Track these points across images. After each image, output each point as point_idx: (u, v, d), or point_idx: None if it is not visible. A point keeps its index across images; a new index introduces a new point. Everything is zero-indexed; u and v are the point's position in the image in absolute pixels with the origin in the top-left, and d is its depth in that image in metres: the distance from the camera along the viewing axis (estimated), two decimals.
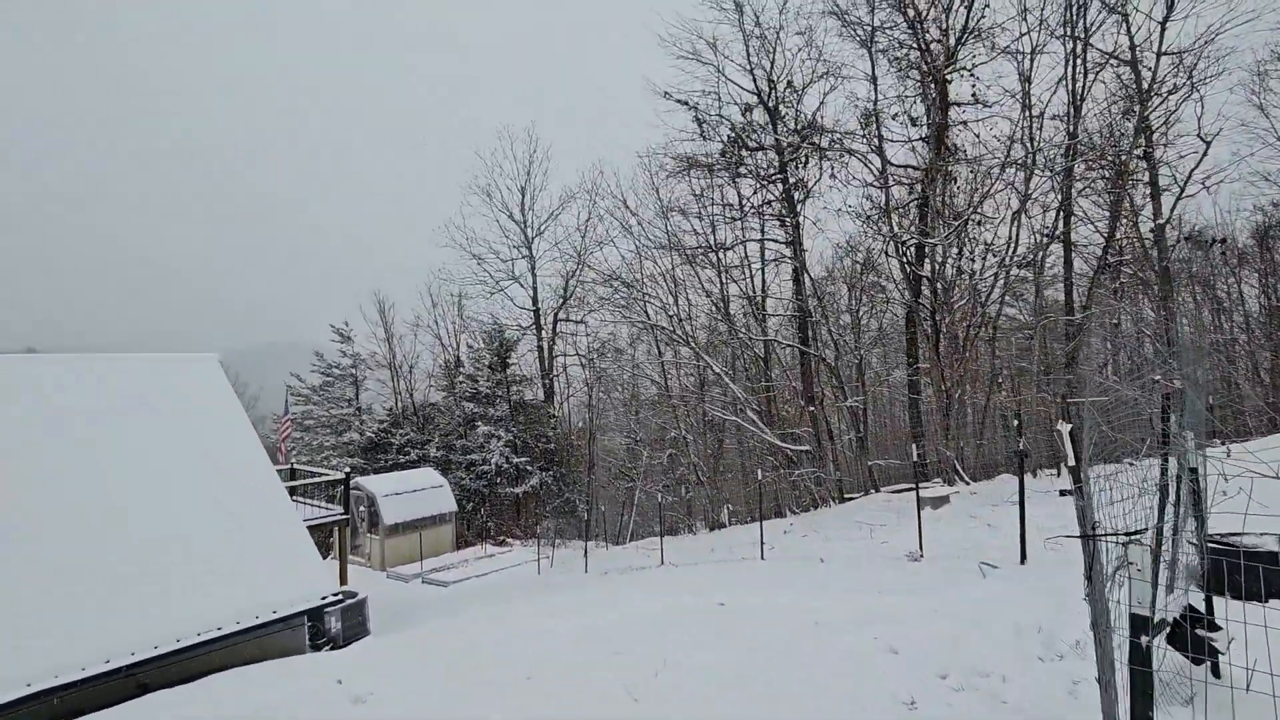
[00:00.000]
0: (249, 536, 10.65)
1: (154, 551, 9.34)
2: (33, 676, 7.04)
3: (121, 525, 9.32)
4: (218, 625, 9.15)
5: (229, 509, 10.78)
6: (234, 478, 11.38)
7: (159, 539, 9.54)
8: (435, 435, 31.64)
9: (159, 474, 10.40)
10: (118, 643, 7.97)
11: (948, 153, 18.30)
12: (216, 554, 9.99)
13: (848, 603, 6.42)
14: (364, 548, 21.53)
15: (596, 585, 11.89)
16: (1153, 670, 1.79)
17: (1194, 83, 16.99)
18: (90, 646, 7.71)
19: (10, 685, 6.87)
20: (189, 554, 9.65)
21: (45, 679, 7.10)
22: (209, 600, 9.28)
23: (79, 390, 10.72)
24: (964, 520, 11.52)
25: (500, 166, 40.08)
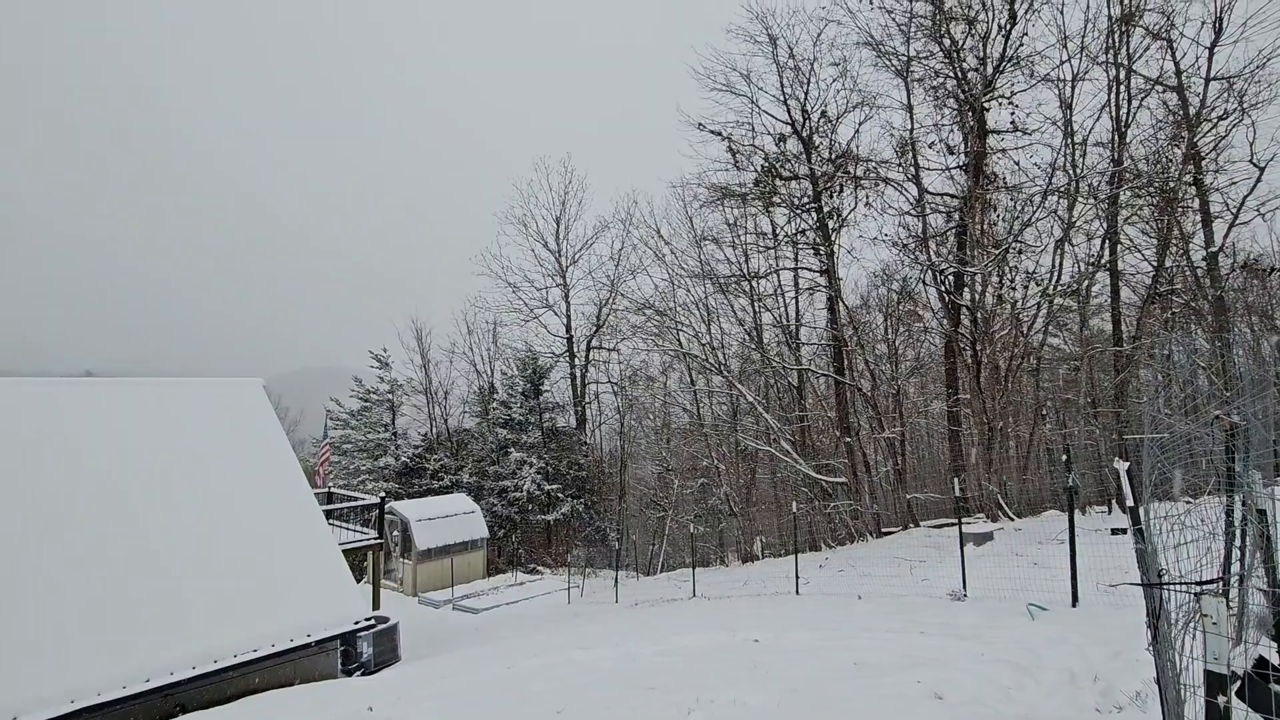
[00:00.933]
0: (287, 559, 10.81)
1: (194, 573, 9.55)
2: (77, 693, 7.21)
3: (164, 546, 9.57)
4: (253, 648, 9.25)
5: (269, 531, 10.98)
6: (275, 500, 11.60)
7: (200, 560, 9.75)
8: (469, 461, 31.91)
9: (203, 495, 10.68)
10: (157, 662, 8.12)
11: (986, 180, 18.05)
12: (255, 576, 10.15)
13: (888, 643, 6.19)
14: (396, 572, 21.67)
15: (628, 617, 11.71)
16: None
17: (1245, 108, 16.49)
18: (132, 665, 7.87)
19: (55, 702, 7.04)
20: (228, 575, 9.83)
21: (89, 696, 7.26)
22: (246, 622, 9.41)
23: (133, 413, 11.13)
24: (1008, 558, 11.04)
25: (536, 197, 40.84)
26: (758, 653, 6.55)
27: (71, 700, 7.13)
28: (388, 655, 12.66)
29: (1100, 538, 10.83)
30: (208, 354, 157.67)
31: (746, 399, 21.24)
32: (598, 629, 9.98)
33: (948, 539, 14.61)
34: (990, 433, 16.07)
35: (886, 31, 19.32)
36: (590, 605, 16.01)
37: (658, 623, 9.86)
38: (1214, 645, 1.68)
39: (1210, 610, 1.68)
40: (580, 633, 9.82)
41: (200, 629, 8.90)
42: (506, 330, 35.06)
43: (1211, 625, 1.67)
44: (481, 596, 19.01)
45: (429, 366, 36.41)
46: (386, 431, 32.92)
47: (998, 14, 18.10)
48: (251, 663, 9.13)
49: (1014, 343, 16.90)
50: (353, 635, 11.21)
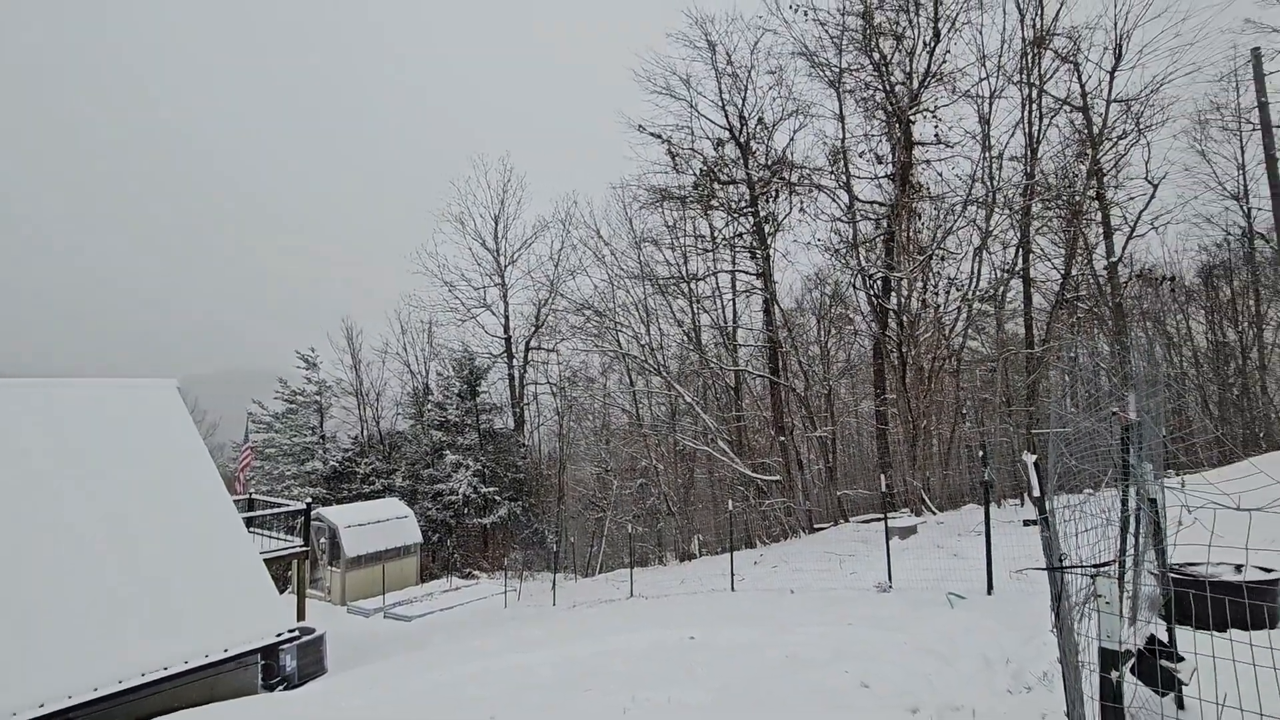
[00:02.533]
0: (202, 570, 10.21)
1: (98, 587, 8.88)
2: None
3: (64, 558, 8.85)
4: (163, 666, 8.69)
5: (182, 541, 10.35)
6: (189, 508, 10.96)
7: (104, 573, 9.08)
8: (401, 464, 30.94)
9: (109, 504, 9.96)
10: (54, 686, 7.50)
11: (912, 190, 18.89)
12: (166, 589, 9.54)
13: (819, 637, 6.36)
14: (324, 581, 20.76)
15: (566, 619, 11.61)
16: (1124, 706, 1.78)
17: (1141, 129, 17.93)
18: (25, 691, 7.23)
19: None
20: (135, 590, 9.20)
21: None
22: (155, 639, 8.83)
23: (29, 417, 10.25)
24: (931, 550, 11.58)
25: (474, 194, 40.09)
26: (693, 650, 6.61)
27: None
28: (313, 667, 12.14)
29: (1014, 528, 11.49)
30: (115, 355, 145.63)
31: (685, 399, 21.47)
32: (535, 632, 9.84)
33: (875, 533, 15.16)
34: (915, 431, 16.82)
35: (820, 43, 19.96)
36: (528, 608, 15.79)
37: (595, 624, 9.81)
38: (1107, 624, 1.80)
39: (1104, 591, 1.79)
40: (517, 637, 9.66)
41: (104, 647, 8.27)
42: (442, 330, 34.21)
43: (1105, 605, 1.78)
44: (415, 603, 18.44)
45: (360, 367, 35.14)
46: (314, 435, 31.50)
47: (923, 31, 18.98)
48: (160, 682, 8.57)
49: (936, 345, 17.76)
50: (274, 648, 10.68)
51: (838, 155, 19.77)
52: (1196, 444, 17.53)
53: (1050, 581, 2.17)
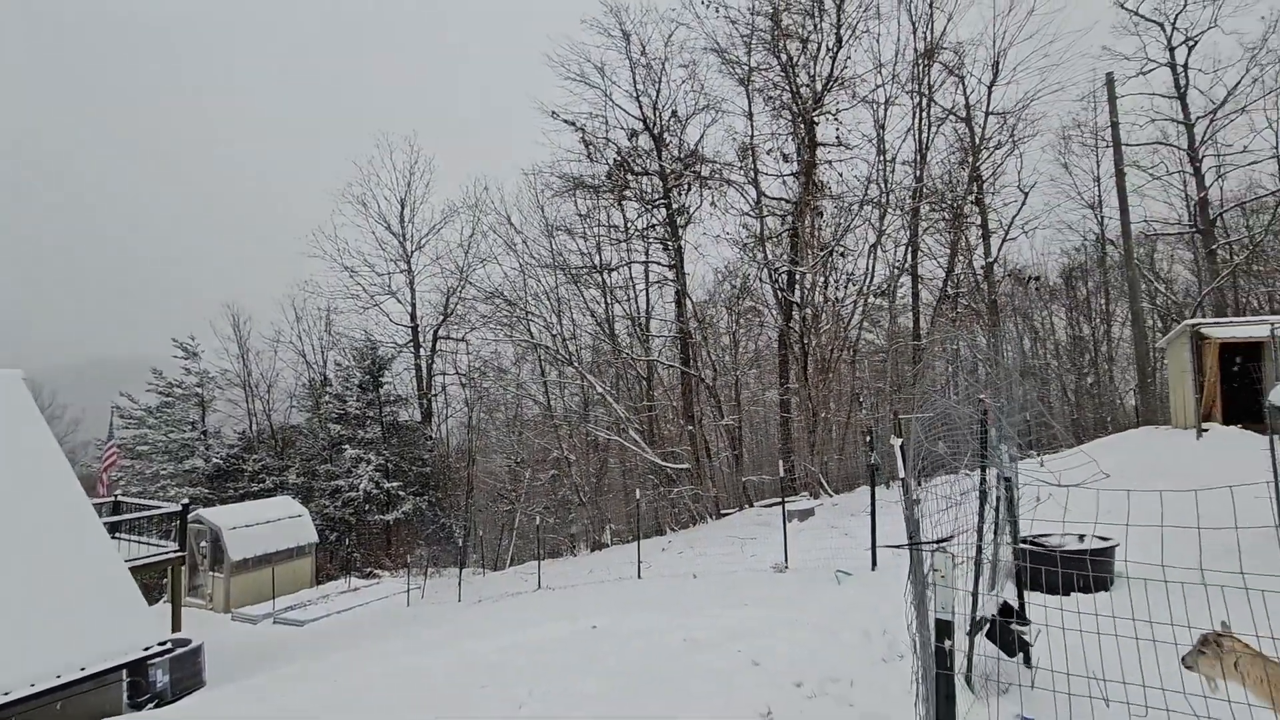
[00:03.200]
0: (54, 581, 9.22)
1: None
2: None
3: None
4: (4, 690, 7.76)
5: (30, 549, 9.30)
6: (37, 512, 9.84)
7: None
8: (296, 460, 29.14)
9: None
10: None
11: (815, 188, 19.72)
12: (12, 603, 8.52)
13: (717, 619, 6.53)
14: (205, 587, 19.23)
15: (469, 615, 11.35)
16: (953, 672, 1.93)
17: (1015, 141, 19.60)
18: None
19: None
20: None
21: None
22: None
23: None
24: (825, 531, 12.21)
25: (378, 175, 37.81)
26: (595, 639, 6.62)
27: None
28: (189, 681, 11.22)
29: (897, 508, 12.33)
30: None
31: (597, 390, 21.47)
32: (435, 632, 9.56)
33: (776, 516, 15.79)
34: (814, 418, 17.65)
35: (731, 40, 20.38)
36: (432, 606, 15.32)
37: (499, 619, 9.66)
38: (942, 597, 1.93)
39: (940, 565, 1.93)
40: (418, 636, 9.35)
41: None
42: (343, 318, 32.36)
43: (940, 580, 1.91)
44: (309, 607, 17.44)
45: (248, 357, 32.73)
46: (194, 430, 29.02)
47: (826, 36, 19.79)
48: (3, 708, 7.65)
49: (835, 337, 18.70)
50: (142, 663, 9.80)
51: (746, 152, 20.30)
52: (1055, 429, 19.45)
53: (910, 557, 2.32)
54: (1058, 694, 3.15)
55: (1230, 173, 21.13)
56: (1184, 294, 23.58)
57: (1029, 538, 5.07)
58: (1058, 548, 5.31)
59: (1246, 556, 4.93)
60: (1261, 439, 7.73)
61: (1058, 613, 3.62)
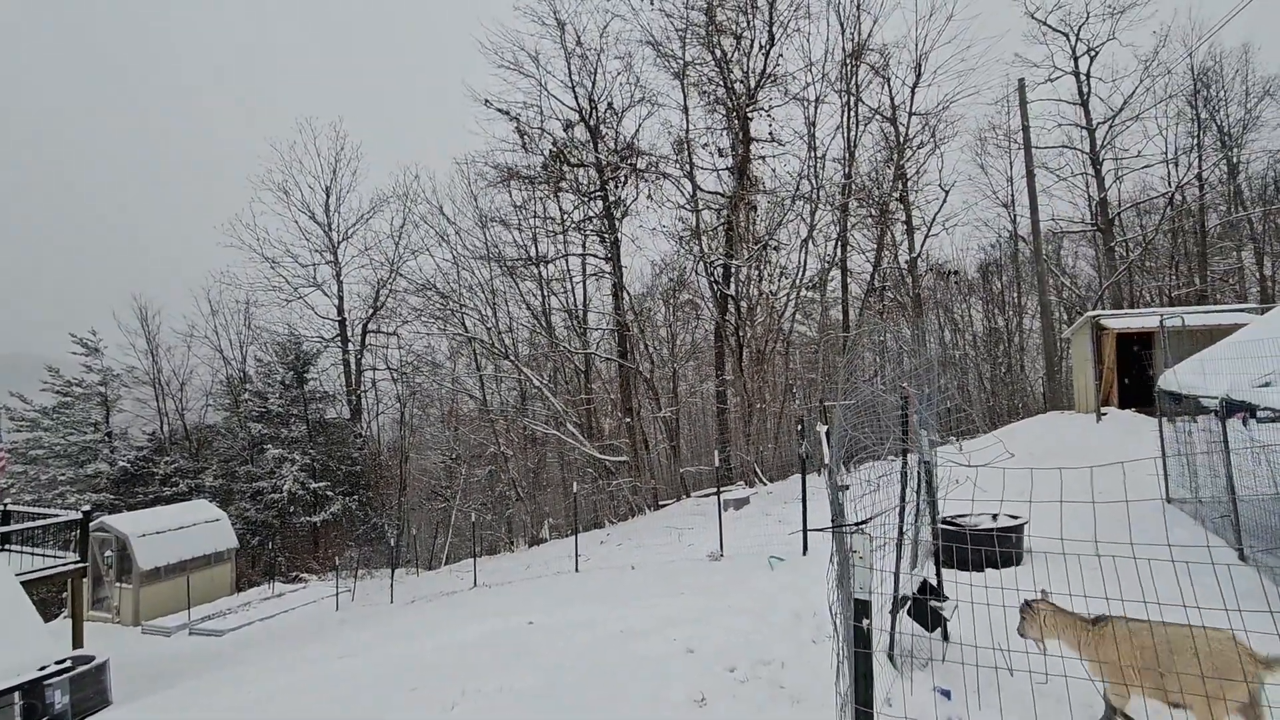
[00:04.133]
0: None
1: None
2: None
3: None
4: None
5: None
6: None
7: None
8: (213, 462, 27.51)
9: None
10: None
11: (749, 183, 20.07)
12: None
13: (652, 608, 6.57)
14: (111, 600, 17.91)
15: (403, 616, 11.01)
16: (871, 652, 1.99)
17: (936, 141, 20.50)
18: None
19: None
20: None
21: None
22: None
23: None
24: (760, 518, 12.49)
25: (301, 162, 36.14)
26: (531, 635, 6.54)
27: None
28: (92, 701, 10.42)
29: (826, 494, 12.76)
30: None
31: (534, 383, 21.21)
32: (365, 635, 9.22)
33: (713, 505, 16.10)
34: (749, 408, 18.02)
35: (665, 34, 20.43)
36: (363, 609, 14.80)
37: (433, 619, 9.40)
38: (860, 577, 1.99)
39: (858, 547, 1.98)
40: (344, 641, 8.99)
41: None
42: (264, 311, 30.67)
43: (859, 560, 1.97)
44: (228, 616, 16.52)
45: (158, 353, 30.57)
46: (97, 432, 26.91)
47: (759, 33, 20.11)
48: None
49: (769, 329, 19.13)
50: (38, 684, 9.03)
51: (682, 146, 20.43)
52: (972, 414, 20.59)
53: (834, 539, 2.37)
54: (968, 667, 3.33)
55: (1126, 175, 22.87)
56: (1086, 288, 25.35)
57: (946, 518, 5.32)
58: (972, 526, 5.60)
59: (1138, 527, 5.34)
60: (1152, 421, 8.41)
61: (971, 589, 3.83)
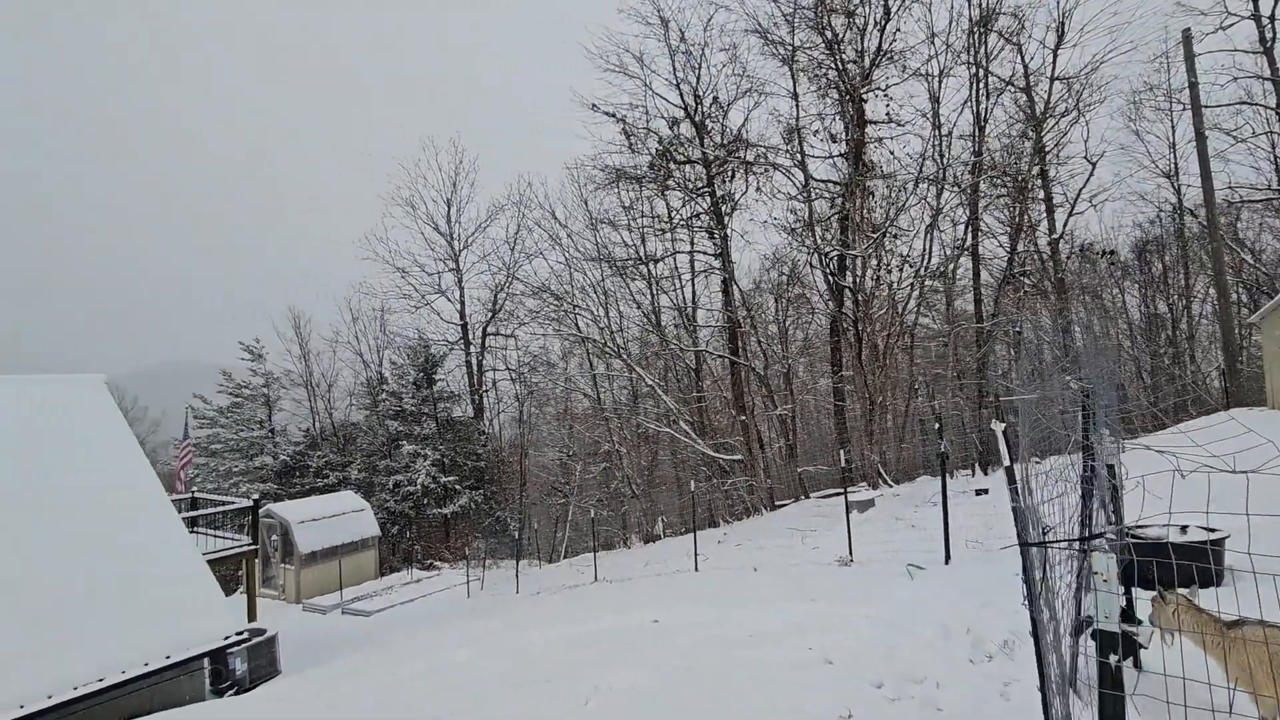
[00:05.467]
0: (140, 573, 9.65)
1: (28, 595, 8.29)
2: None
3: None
4: (99, 677, 8.18)
5: (117, 543, 9.76)
6: (123, 509, 10.34)
7: (36, 580, 8.48)
8: (357, 456, 30.09)
9: (37, 507, 9.30)
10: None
11: (865, 168, 19.05)
12: (102, 594, 8.99)
13: (782, 613, 6.34)
14: (277, 579, 20.08)
15: (528, 607, 11.43)
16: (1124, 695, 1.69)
17: (1081, 108, 18.45)
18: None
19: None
20: (70, 596, 8.63)
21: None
22: (92, 647, 8.31)
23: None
24: (889, 522, 11.80)
25: (424, 177, 38.81)
26: (656, 633, 6.52)
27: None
28: (265, 670, 11.68)
29: (966, 499, 11.82)
30: (43, 349, 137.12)
31: (646, 382, 21.37)
32: (494, 623, 9.65)
33: (835, 508, 15.42)
34: (871, 406, 17.11)
35: (773, 20, 19.83)
36: (490, 598, 15.56)
37: (558, 611, 9.67)
38: (1105, 604, 1.70)
39: (1100, 568, 1.70)
40: (478, 628, 9.45)
41: (34, 660, 7.72)
42: (396, 317, 33.31)
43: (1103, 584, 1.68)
44: (374, 598, 17.99)
45: (309, 357, 33.92)
46: (262, 428, 30.33)
47: (874, 8, 19.03)
48: (98, 694, 8.06)
49: (891, 322, 18.05)
50: (222, 652, 10.22)
51: (793, 134, 19.76)
52: (1132, 413, 18.36)
53: (1023, 555, 2.09)
54: (1174, 707, 2.87)
55: None
56: (1275, 265, 21.85)
57: (1126, 529, 4.70)
58: (1158, 539, 4.91)
59: None
60: None
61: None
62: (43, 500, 9.48)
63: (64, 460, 10.26)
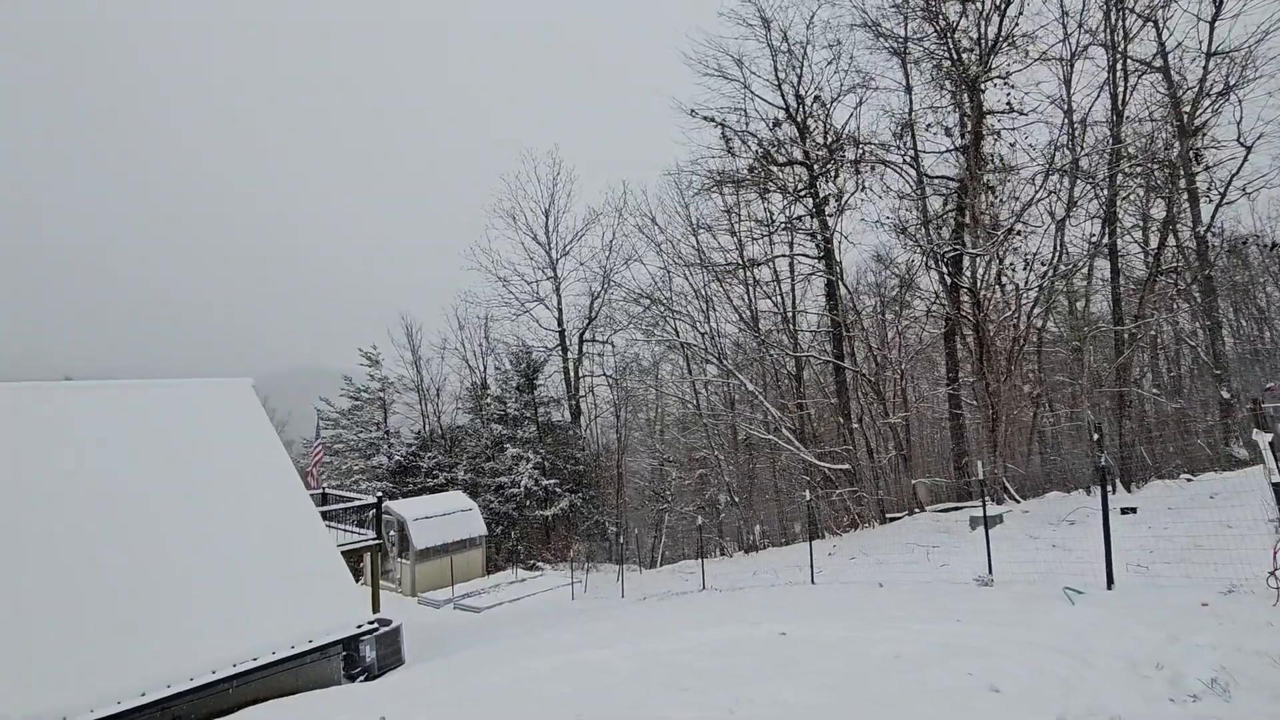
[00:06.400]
0: (284, 563, 10.43)
1: (189, 580, 9.16)
2: (69, 710, 6.83)
3: (156, 553, 9.17)
4: (253, 656, 8.89)
5: (265, 535, 10.60)
6: (270, 503, 11.22)
7: (194, 567, 9.37)
8: (463, 458, 31.50)
9: (197, 499, 10.28)
10: (154, 675, 7.75)
11: (983, 162, 17.88)
12: (252, 581, 9.78)
13: (923, 633, 5.96)
14: (394, 572, 21.28)
15: (639, 611, 11.44)
16: None
17: (1233, 87, 16.40)
18: (127, 679, 7.49)
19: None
20: (224, 582, 9.46)
21: (81, 713, 6.88)
22: (244, 630, 9.05)
23: (116, 416, 10.69)
24: (1024, 541, 10.92)
25: (524, 189, 40.30)
26: (787, 647, 6.31)
27: (63, 717, 6.76)
28: (391, 659, 12.33)
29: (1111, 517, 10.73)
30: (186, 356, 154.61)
31: (747, 387, 21.03)
32: (609, 625, 9.71)
33: (956, 523, 14.47)
34: (994, 415, 15.95)
35: (881, 12, 19.08)
36: (595, 600, 15.75)
37: (671, 617, 9.61)
38: None
39: None
40: (591, 630, 9.54)
41: (197, 638, 8.52)
42: (498, 325, 34.66)
43: None
44: (482, 595, 18.68)
45: (420, 363, 35.89)
46: (379, 430, 32.38)
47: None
48: (251, 672, 8.78)
49: (1015, 325, 16.78)
50: (355, 640, 10.86)
51: (904, 129, 18.89)
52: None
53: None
54: None
55: None
56: None
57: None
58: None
59: None
60: None
61: None
62: (200, 496, 10.44)
63: (218, 458, 11.28)
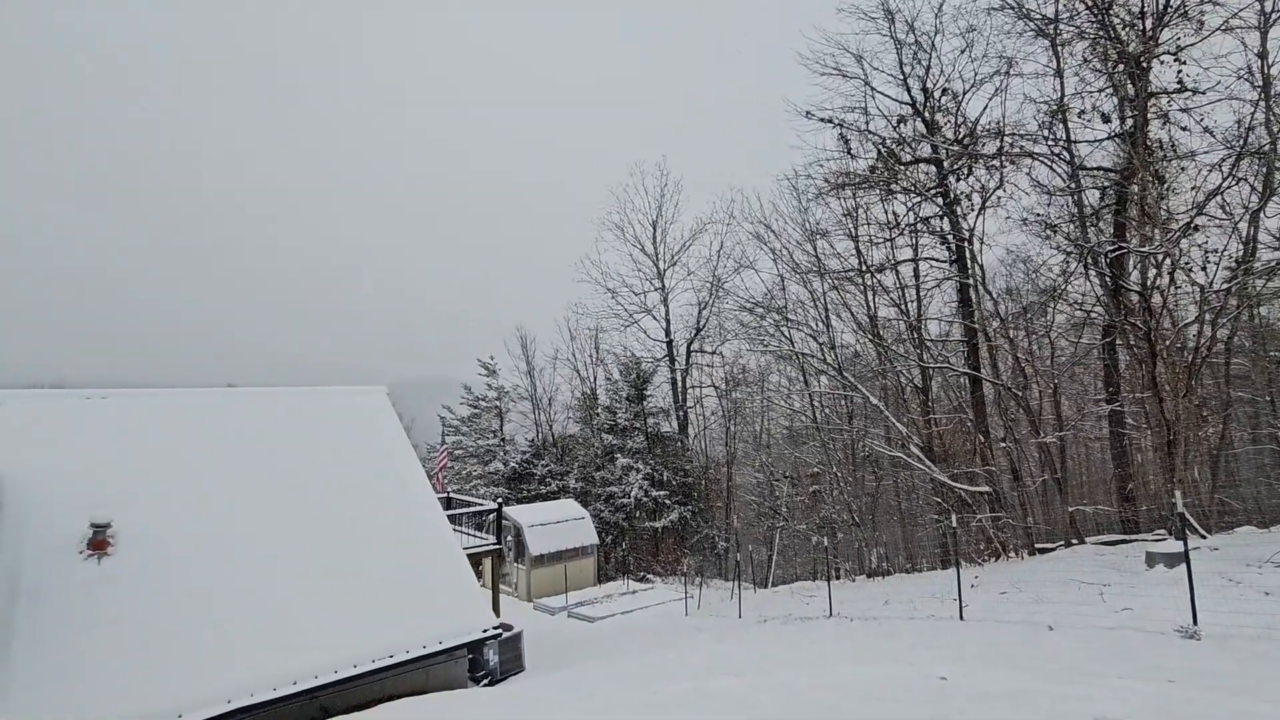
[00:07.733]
0: (417, 565, 10.79)
1: (332, 578, 9.64)
2: (233, 694, 7.32)
3: (303, 552, 9.73)
4: (389, 654, 9.19)
5: (400, 537, 11.03)
6: (403, 506, 11.68)
7: (338, 566, 9.86)
8: (574, 467, 32.06)
9: (340, 500, 10.85)
10: (303, 665, 8.17)
11: (1148, 150, 15.77)
12: (387, 581, 10.16)
13: (1128, 693, 5.03)
14: (511, 577, 21.84)
15: (763, 636, 10.85)
16: None
17: None
18: (280, 668, 7.95)
19: (214, 702, 7.16)
20: (365, 580, 9.89)
21: (243, 697, 7.36)
22: (381, 628, 9.39)
23: (261, 420, 11.55)
24: (1218, 583, 9.33)
25: (632, 201, 40.99)
26: (952, 694, 5.55)
27: (228, 700, 7.25)
28: (512, 665, 12.47)
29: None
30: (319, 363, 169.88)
31: (871, 401, 19.77)
32: (737, 649, 9.21)
33: (1125, 558, 12.67)
34: (1172, 436, 13.86)
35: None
36: (710, 619, 15.23)
37: (803, 646, 8.96)
38: None
39: None
40: (718, 653, 9.09)
41: (340, 634, 8.94)
42: (607, 336, 35.18)
43: None
44: (596, 604, 18.70)
45: (534, 373, 37.15)
46: (495, 438, 33.72)
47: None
48: (387, 669, 9.09)
49: (1197, 333, 14.56)
50: (479, 643, 11.05)
51: (1055, 114, 17.08)
52: None
53: None
54: None
55: None
56: None
57: None
58: None
59: None
60: None
61: None
62: (342, 498, 11.02)
63: (356, 461, 11.93)
